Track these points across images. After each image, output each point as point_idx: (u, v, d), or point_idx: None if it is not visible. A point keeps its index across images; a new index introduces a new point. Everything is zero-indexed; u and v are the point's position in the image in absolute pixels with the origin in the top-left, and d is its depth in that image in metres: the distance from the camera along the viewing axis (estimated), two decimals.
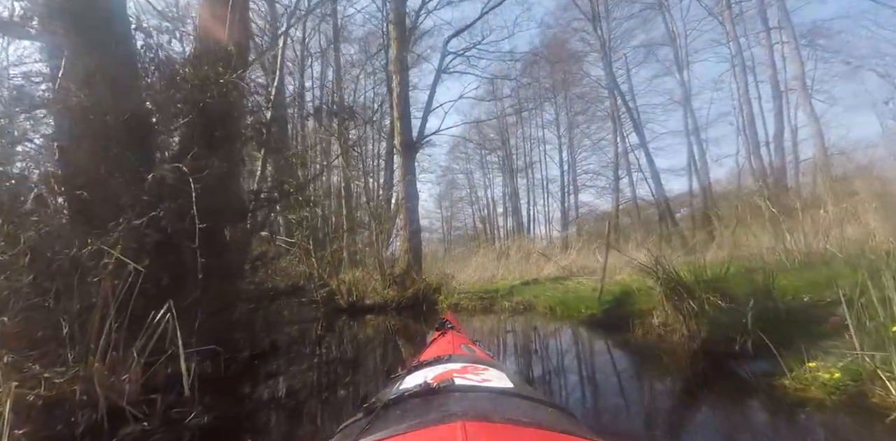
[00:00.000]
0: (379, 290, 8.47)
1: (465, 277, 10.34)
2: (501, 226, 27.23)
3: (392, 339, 5.72)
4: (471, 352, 1.55)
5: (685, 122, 18.19)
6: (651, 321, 3.73)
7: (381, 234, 9.10)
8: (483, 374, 1.02)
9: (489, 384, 0.94)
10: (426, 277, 8.79)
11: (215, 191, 3.51)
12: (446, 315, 2.65)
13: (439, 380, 0.91)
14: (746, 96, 15.52)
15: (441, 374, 1.04)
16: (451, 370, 1.08)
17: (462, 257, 13.85)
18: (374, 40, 16.86)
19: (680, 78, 17.70)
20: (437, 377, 0.98)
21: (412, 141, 9.55)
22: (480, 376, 1.00)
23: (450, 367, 1.14)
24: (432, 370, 1.12)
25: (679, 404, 2.47)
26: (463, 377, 0.97)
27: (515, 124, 25.68)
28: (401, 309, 8.10)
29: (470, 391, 0.86)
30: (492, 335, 5.15)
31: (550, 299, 6.37)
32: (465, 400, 0.80)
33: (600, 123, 23.25)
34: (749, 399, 2.32)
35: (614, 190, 21.50)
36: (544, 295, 6.71)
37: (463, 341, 1.84)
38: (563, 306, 5.87)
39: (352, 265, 9.58)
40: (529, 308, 6.74)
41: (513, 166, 25.53)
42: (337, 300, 8.38)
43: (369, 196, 9.36)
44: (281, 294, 4.60)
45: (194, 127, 3.70)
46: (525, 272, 10.44)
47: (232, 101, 3.94)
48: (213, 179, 3.32)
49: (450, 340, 1.81)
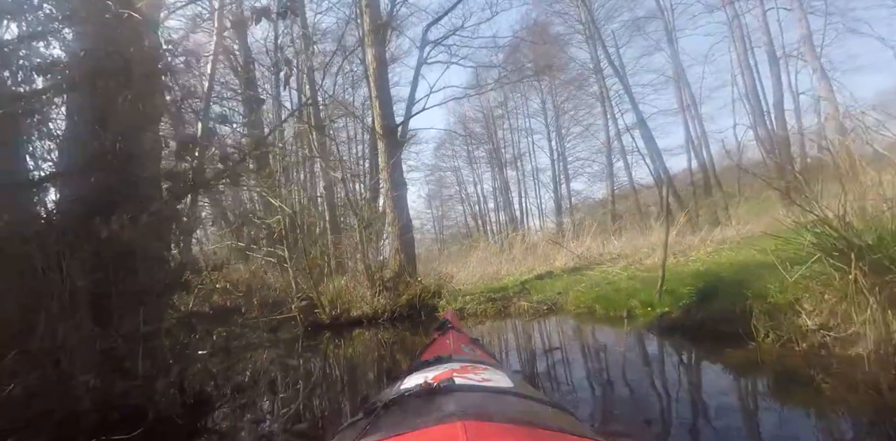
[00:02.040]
0: (368, 299, 6.88)
1: (465, 276, 8.80)
2: (494, 221, 25.82)
3: (385, 360, 4.21)
4: (471, 352, 1.50)
5: (680, 98, 16.83)
6: (800, 321, 2.19)
7: (368, 233, 7.51)
8: (483, 374, 0.99)
9: (489, 384, 0.91)
10: (422, 279, 7.22)
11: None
12: (446, 314, 2.44)
13: (439, 380, 0.87)
14: (747, 62, 14.15)
15: (441, 373, 1.00)
16: (452, 370, 1.04)
17: (459, 255, 12.27)
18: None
19: (671, 51, 16.33)
20: (438, 377, 0.93)
21: (395, 125, 7.96)
22: (480, 376, 0.96)
23: (450, 366, 1.10)
24: (432, 370, 1.08)
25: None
26: (463, 377, 0.93)
27: (502, 116, 24.28)
28: (395, 319, 6.53)
29: (470, 391, 0.84)
30: (523, 354, 3.59)
31: (583, 295, 4.86)
32: (465, 400, 0.77)
33: (588, 110, 21.93)
34: None
35: (608, 175, 20.12)
36: (573, 289, 5.16)
37: (463, 341, 1.72)
38: (606, 303, 4.35)
39: (338, 272, 7.95)
40: (556, 308, 5.21)
41: (502, 159, 24.08)
42: (318, 314, 6.77)
43: (348, 189, 7.71)
44: (209, 320, 3.00)
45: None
46: (534, 265, 8.93)
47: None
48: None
49: (450, 340, 1.69)
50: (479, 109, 24.50)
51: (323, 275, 7.50)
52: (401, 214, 7.38)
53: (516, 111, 24.20)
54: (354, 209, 7.50)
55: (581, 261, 7.86)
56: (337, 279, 7.43)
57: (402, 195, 7.55)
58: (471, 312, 5.85)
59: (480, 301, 6.08)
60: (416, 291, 6.76)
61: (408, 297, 6.72)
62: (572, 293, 5.10)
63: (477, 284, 8.19)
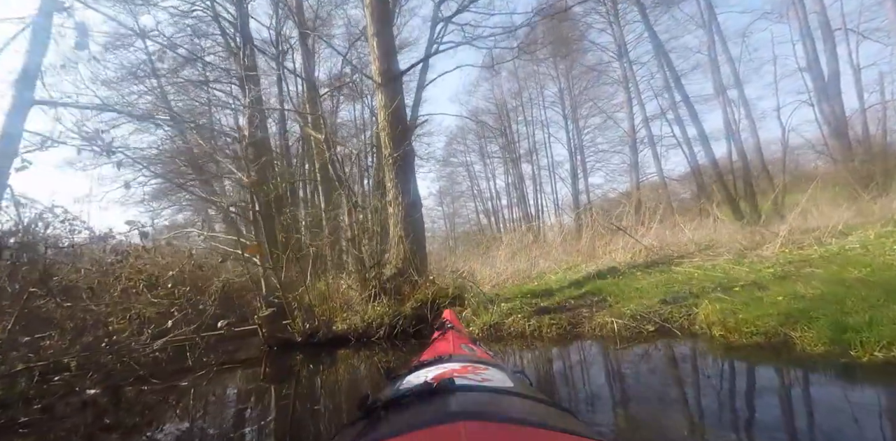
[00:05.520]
0: (358, 306, 4.57)
1: (490, 275, 6.45)
2: (507, 218, 23.39)
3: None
4: (471, 352, 1.40)
5: (715, 80, 14.32)
6: None
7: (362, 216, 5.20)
8: (483, 374, 0.93)
9: (490, 384, 0.85)
10: (434, 279, 4.89)
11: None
12: (446, 314, 2.24)
13: (440, 380, 0.80)
14: (807, 29, 11.64)
15: (441, 373, 0.93)
16: (452, 370, 0.98)
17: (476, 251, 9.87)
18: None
19: (710, 28, 13.84)
20: (438, 377, 0.87)
21: (398, 71, 5.63)
22: (481, 376, 0.91)
23: (450, 366, 1.03)
24: (433, 370, 1.00)
25: None
26: (463, 377, 0.88)
27: (516, 108, 21.90)
28: (396, 336, 4.22)
29: (470, 391, 0.78)
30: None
31: (742, 308, 2.46)
32: (465, 400, 0.71)
33: (608, 99, 19.46)
34: None
35: (633, 165, 17.63)
36: (707, 297, 2.80)
37: (463, 341, 1.61)
38: (833, 325, 1.96)
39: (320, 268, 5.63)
40: (675, 328, 2.83)
41: (516, 153, 21.68)
42: (289, 328, 4.47)
43: (333, 155, 5.27)
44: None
45: None
46: (577, 260, 6.56)
47: None
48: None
49: (450, 340, 1.59)
50: (491, 101, 22.17)
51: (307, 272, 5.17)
52: (406, 188, 5.04)
53: (531, 103, 21.80)
54: (340, 179, 5.14)
55: (650, 254, 5.48)
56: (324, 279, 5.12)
57: (408, 162, 5.19)
58: (515, 331, 3.50)
59: (526, 312, 3.73)
60: (426, 295, 4.43)
61: (415, 303, 4.40)
62: (707, 303, 2.73)
63: (505, 285, 5.85)
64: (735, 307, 2.55)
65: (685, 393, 2.09)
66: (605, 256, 6.07)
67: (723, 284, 3.30)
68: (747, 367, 2.20)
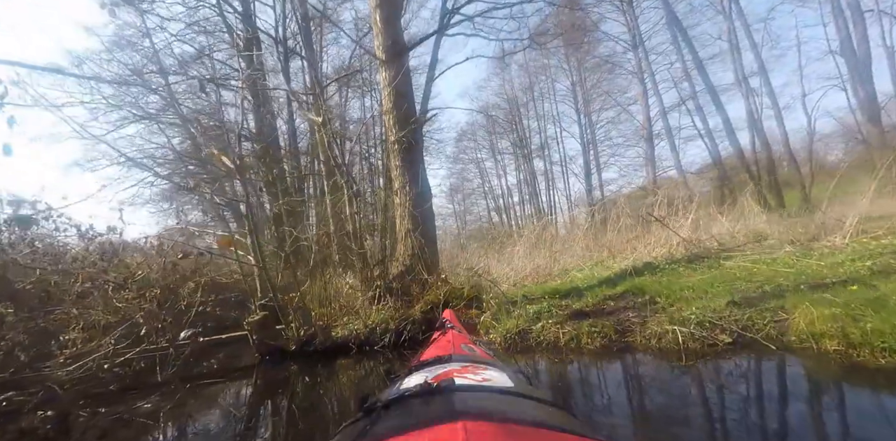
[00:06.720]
0: (361, 309, 3.95)
1: (507, 272, 5.79)
2: (519, 215, 22.60)
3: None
4: (471, 352, 1.34)
5: (736, 68, 13.40)
6: None
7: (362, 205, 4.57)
8: (483, 374, 0.89)
9: (490, 384, 0.81)
10: (447, 278, 4.24)
11: None
12: (446, 314, 2.14)
13: (439, 380, 0.78)
14: (840, 9, 10.72)
15: (441, 373, 0.90)
16: (452, 370, 0.93)
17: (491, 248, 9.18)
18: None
19: (730, 14, 12.96)
20: (438, 377, 0.85)
21: (403, 45, 4.99)
22: (481, 376, 0.87)
23: (450, 366, 0.99)
24: (432, 370, 0.97)
25: None
26: (463, 377, 0.84)
27: (527, 104, 21.13)
28: (403, 344, 3.59)
29: (470, 391, 0.74)
30: None
31: (885, 309, 1.77)
32: (465, 400, 0.67)
33: (621, 92, 18.60)
34: None
35: (649, 159, 16.76)
36: (803, 300, 2.11)
37: (463, 341, 1.54)
38: None
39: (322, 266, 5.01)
40: (756, 339, 2.14)
41: (528, 149, 20.92)
42: (283, 334, 3.87)
43: (331, 140, 4.57)
44: None
45: None
46: (602, 256, 5.87)
47: None
48: None
49: (450, 340, 1.51)
50: (502, 96, 21.44)
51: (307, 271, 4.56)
52: (413, 176, 4.40)
53: (542, 97, 21.01)
54: (337, 162, 4.48)
55: (690, 247, 4.77)
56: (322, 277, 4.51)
57: (417, 148, 4.54)
58: (545, 340, 2.84)
59: (557, 316, 3.06)
60: (438, 297, 3.79)
61: (425, 306, 3.76)
62: (806, 306, 2.05)
63: (525, 283, 5.19)
64: (855, 312, 1.87)
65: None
66: (635, 251, 5.36)
67: (804, 281, 2.61)
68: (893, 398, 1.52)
